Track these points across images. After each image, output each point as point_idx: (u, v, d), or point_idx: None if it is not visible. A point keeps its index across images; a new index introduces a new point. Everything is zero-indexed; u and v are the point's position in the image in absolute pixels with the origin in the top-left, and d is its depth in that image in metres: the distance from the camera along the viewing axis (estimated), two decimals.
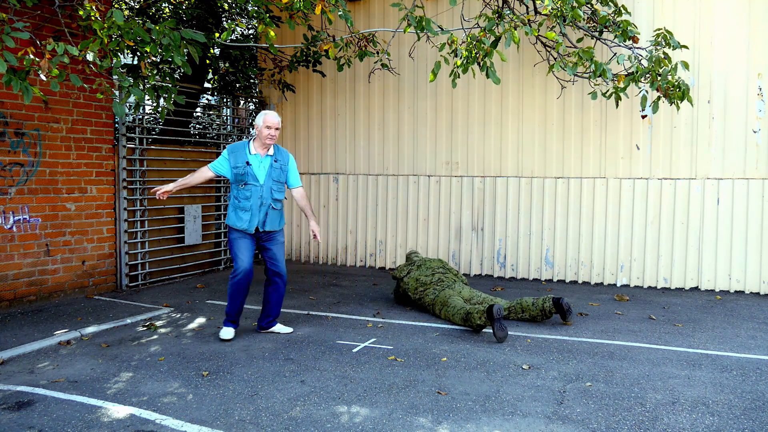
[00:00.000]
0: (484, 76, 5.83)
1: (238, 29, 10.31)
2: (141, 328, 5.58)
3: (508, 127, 8.07)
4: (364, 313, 6.12)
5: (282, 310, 6.25)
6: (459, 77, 6.07)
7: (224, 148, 8.82)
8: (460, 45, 5.91)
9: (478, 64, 5.77)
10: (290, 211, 9.42)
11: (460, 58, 5.83)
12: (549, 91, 7.80)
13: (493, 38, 5.64)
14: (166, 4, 9.02)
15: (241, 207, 5.12)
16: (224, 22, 9.22)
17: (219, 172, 5.21)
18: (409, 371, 4.40)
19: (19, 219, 6.18)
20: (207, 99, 9.76)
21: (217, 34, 7.61)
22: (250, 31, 10.49)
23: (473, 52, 5.72)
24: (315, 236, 5.33)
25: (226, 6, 9.02)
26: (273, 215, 5.19)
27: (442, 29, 6.04)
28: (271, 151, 5.19)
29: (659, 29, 6.29)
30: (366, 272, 8.46)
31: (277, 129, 5.13)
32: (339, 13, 6.08)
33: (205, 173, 5.25)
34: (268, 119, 5.10)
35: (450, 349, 4.89)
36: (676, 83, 6.04)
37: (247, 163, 5.09)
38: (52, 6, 5.57)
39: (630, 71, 6.18)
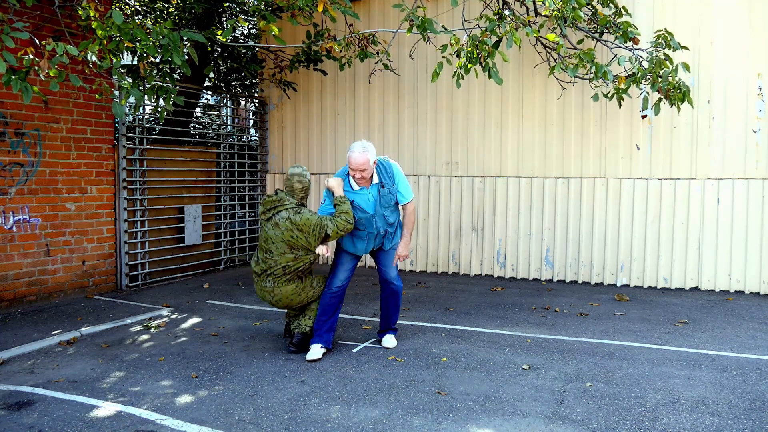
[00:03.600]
0: (486, 76, 5.82)
1: (240, 28, 10.31)
2: (141, 328, 5.57)
3: (508, 127, 8.07)
4: (364, 313, 6.12)
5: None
6: (463, 78, 6.06)
7: (224, 147, 8.93)
8: (462, 45, 5.90)
9: (481, 64, 5.77)
10: None
11: (464, 56, 5.81)
12: (549, 92, 7.80)
13: (495, 38, 5.64)
14: (167, 5, 9.03)
15: (357, 236, 4.77)
16: (224, 21, 9.23)
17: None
18: (409, 371, 4.40)
19: (19, 219, 6.18)
20: (206, 99, 9.76)
21: (219, 31, 7.60)
22: (252, 31, 10.50)
23: (475, 52, 5.71)
24: (398, 258, 4.86)
25: (226, 5, 9.02)
26: (389, 236, 4.85)
27: (445, 29, 6.03)
28: (375, 179, 4.65)
29: (659, 30, 6.29)
30: (366, 272, 8.46)
31: (362, 170, 4.49)
32: (341, 10, 6.06)
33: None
34: (350, 161, 4.50)
35: (450, 349, 4.89)
36: (677, 85, 6.04)
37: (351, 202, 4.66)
38: (52, 6, 5.57)
39: (631, 72, 6.18)
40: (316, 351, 4.67)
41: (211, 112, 10.88)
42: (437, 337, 5.24)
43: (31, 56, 4.61)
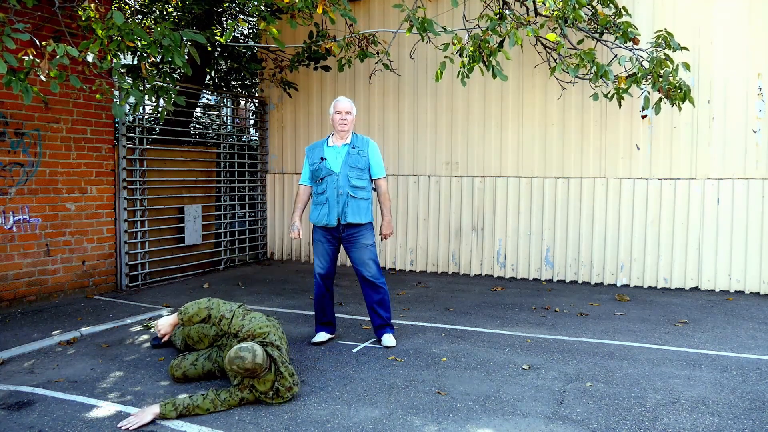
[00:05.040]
0: (490, 75, 5.82)
1: (239, 28, 10.31)
2: (141, 328, 5.57)
3: (508, 127, 8.07)
4: (364, 313, 6.12)
5: (281, 310, 6.25)
6: (468, 77, 6.05)
7: (224, 147, 8.94)
8: (465, 44, 5.89)
9: (484, 63, 5.77)
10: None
11: (467, 56, 5.81)
12: (549, 91, 7.80)
13: (497, 37, 5.64)
14: (168, 5, 9.03)
15: (319, 201, 4.92)
16: (225, 22, 9.23)
17: (308, 182, 5.06)
18: (409, 371, 4.40)
19: (19, 219, 6.19)
20: (207, 99, 9.76)
21: (218, 31, 7.61)
22: (251, 30, 10.50)
23: (477, 51, 5.72)
24: (383, 237, 5.06)
25: (225, 5, 9.02)
26: (354, 205, 4.86)
27: (445, 30, 6.03)
28: (348, 140, 4.94)
29: (660, 30, 6.29)
30: None
31: (348, 113, 4.88)
32: (340, 12, 6.07)
33: (303, 190, 5.11)
34: (337, 105, 4.90)
35: (450, 349, 4.89)
36: (678, 84, 6.04)
37: (322, 158, 4.89)
38: (52, 6, 5.57)
39: (631, 72, 6.18)
40: (319, 335, 5.07)
41: (211, 112, 10.88)
42: (437, 337, 5.25)
43: (32, 57, 4.61)
